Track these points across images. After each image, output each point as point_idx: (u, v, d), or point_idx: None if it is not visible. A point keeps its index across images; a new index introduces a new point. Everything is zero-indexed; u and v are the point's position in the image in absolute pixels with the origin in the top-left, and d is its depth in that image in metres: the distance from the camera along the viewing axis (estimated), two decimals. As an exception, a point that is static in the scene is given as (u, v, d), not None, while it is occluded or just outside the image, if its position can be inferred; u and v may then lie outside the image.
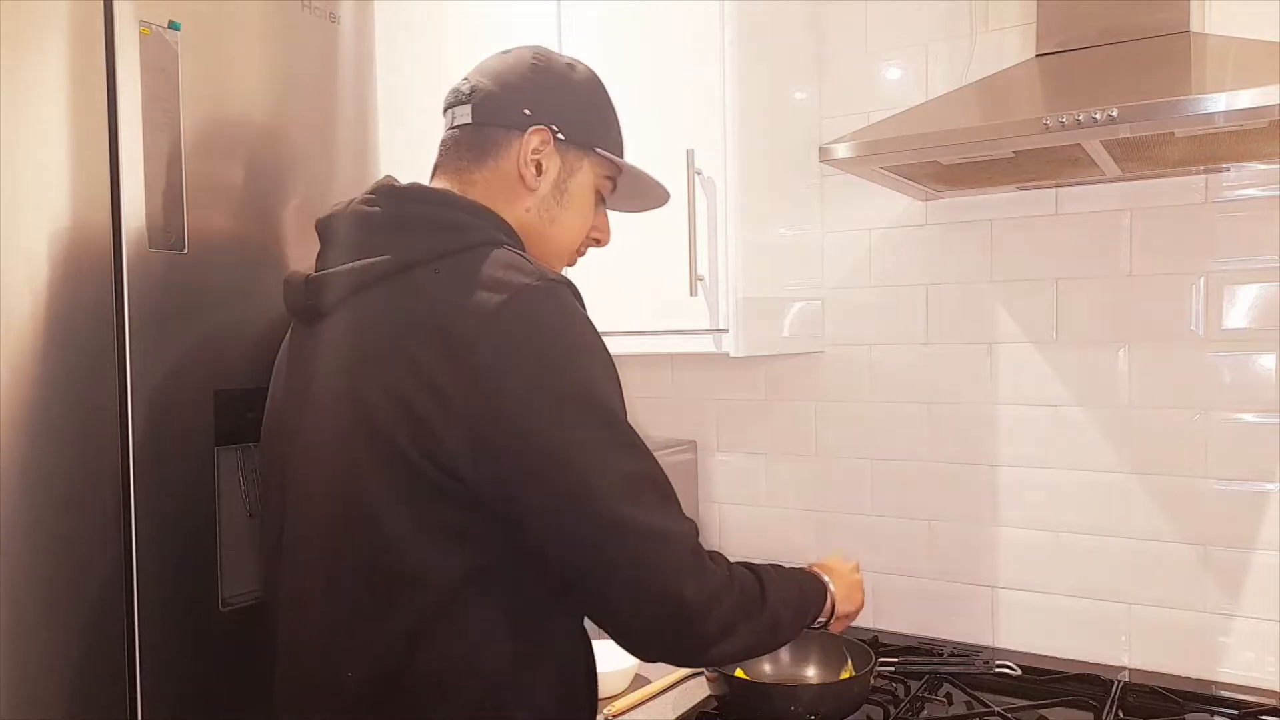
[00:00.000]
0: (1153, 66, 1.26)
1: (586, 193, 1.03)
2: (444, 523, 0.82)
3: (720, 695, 1.34)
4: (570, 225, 1.02)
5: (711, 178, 1.50)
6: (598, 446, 0.82)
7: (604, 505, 0.81)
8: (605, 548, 0.82)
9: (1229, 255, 1.44)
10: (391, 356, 0.83)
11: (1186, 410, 1.47)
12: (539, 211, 0.99)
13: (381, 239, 0.90)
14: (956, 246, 1.65)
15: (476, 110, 0.97)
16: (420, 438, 0.80)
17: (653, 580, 0.82)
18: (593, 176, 1.03)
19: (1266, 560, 1.42)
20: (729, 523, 1.91)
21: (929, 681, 1.46)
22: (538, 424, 0.80)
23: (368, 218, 0.92)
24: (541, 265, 0.88)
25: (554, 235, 1.01)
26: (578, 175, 1.01)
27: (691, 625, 0.84)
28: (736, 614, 0.88)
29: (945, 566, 1.68)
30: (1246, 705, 1.35)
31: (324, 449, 0.89)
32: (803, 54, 1.73)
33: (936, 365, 1.68)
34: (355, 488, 0.85)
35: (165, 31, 0.99)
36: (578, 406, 0.82)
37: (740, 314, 1.50)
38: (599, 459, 0.82)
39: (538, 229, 0.99)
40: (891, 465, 1.72)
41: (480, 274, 0.84)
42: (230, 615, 1.04)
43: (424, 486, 0.81)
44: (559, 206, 1.00)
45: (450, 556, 0.83)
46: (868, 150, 1.30)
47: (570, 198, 1.01)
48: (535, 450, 0.80)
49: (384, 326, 0.86)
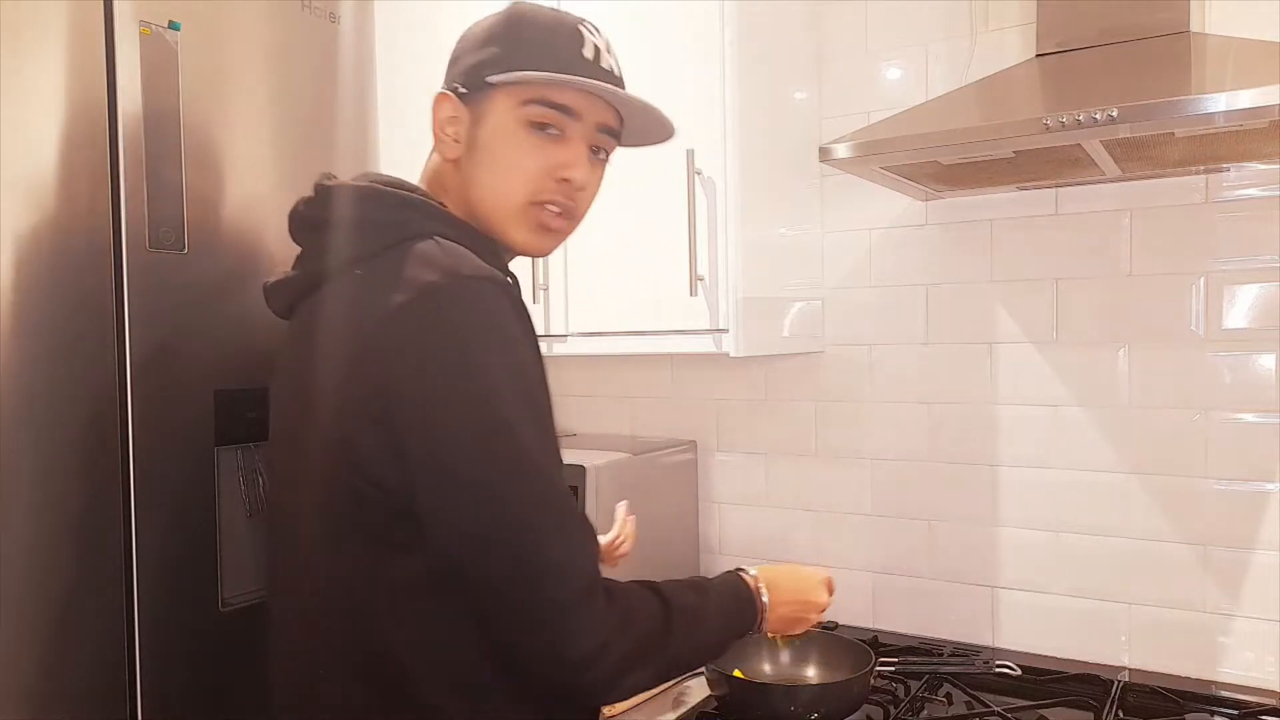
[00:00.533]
0: (1153, 66, 1.26)
1: (503, 135, 0.89)
2: (384, 532, 0.80)
3: (720, 695, 1.34)
4: (495, 181, 0.90)
5: (711, 178, 1.50)
6: (487, 466, 0.77)
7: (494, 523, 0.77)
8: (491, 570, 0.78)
9: (1229, 255, 1.44)
10: (320, 368, 0.83)
11: (1186, 410, 1.47)
12: (464, 180, 0.91)
13: (319, 241, 0.90)
14: (956, 246, 1.65)
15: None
16: (343, 443, 0.79)
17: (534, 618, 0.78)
18: (507, 113, 0.89)
19: (1266, 560, 1.42)
20: (729, 523, 1.91)
21: (929, 681, 1.46)
22: (430, 432, 0.77)
23: (307, 219, 0.92)
24: (463, 258, 0.82)
25: (484, 197, 0.91)
26: (486, 121, 0.90)
27: (581, 674, 0.80)
28: (631, 655, 0.83)
29: (945, 566, 1.68)
30: (1246, 705, 1.35)
31: (284, 459, 0.91)
32: (803, 54, 1.73)
33: (936, 365, 1.68)
34: (308, 501, 0.85)
35: (165, 31, 0.99)
36: (470, 419, 0.77)
37: (740, 314, 1.50)
38: (486, 482, 0.77)
39: (470, 199, 0.91)
40: (891, 465, 1.72)
41: (394, 274, 0.80)
42: (230, 615, 1.04)
43: (354, 495, 0.80)
44: (475, 166, 0.90)
45: (396, 564, 0.80)
46: (868, 150, 1.30)
47: (483, 150, 0.90)
48: (431, 455, 0.77)
49: (315, 336, 0.86)
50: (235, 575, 1.05)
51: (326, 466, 0.82)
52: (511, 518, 0.78)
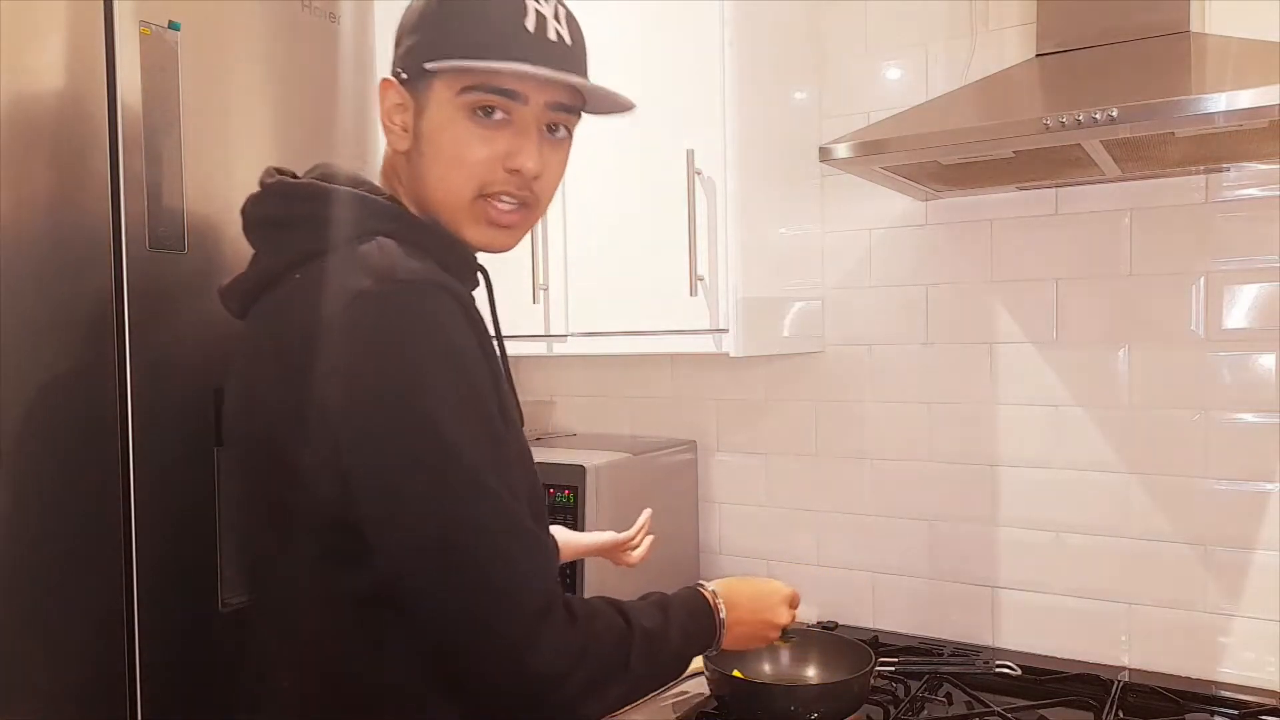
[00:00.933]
0: (1153, 66, 1.26)
1: (445, 125, 0.83)
2: (328, 548, 0.77)
3: (720, 695, 1.34)
4: (441, 175, 0.84)
5: (711, 178, 1.50)
6: (422, 479, 0.73)
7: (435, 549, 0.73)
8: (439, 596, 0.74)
9: (1229, 255, 1.44)
10: (258, 372, 0.82)
11: (1186, 410, 1.47)
12: (413, 174, 0.86)
13: (266, 240, 0.87)
14: (956, 246, 1.65)
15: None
16: (283, 460, 0.77)
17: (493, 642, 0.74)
18: (447, 102, 0.82)
19: (1266, 560, 1.42)
20: (729, 523, 1.91)
21: (929, 681, 1.46)
22: (368, 447, 0.73)
23: (254, 217, 0.88)
24: (400, 262, 0.77)
25: (430, 194, 0.85)
26: (428, 111, 0.83)
27: (542, 700, 0.76)
28: (597, 679, 0.79)
29: (945, 566, 1.68)
30: (1247, 705, 1.35)
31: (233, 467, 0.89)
32: (803, 54, 1.73)
33: (936, 365, 1.68)
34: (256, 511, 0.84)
35: (165, 31, 0.99)
36: (401, 433, 0.72)
37: (740, 314, 1.50)
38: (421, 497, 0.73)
39: (419, 194, 0.86)
40: (891, 465, 1.72)
41: (331, 280, 0.77)
42: (230, 615, 1.04)
43: (298, 512, 0.77)
44: (421, 159, 0.85)
45: (343, 580, 0.77)
46: (868, 150, 1.30)
47: (426, 141, 0.84)
48: (367, 474, 0.73)
49: (253, 345, 0.84)
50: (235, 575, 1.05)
51: (269, 479, 0.80)
52: (458, 545, 0.73)
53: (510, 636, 0.74)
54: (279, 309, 0.82)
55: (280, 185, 0.86)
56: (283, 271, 0.83)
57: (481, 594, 0.74)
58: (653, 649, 0.86)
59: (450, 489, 0.73)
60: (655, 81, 1.55)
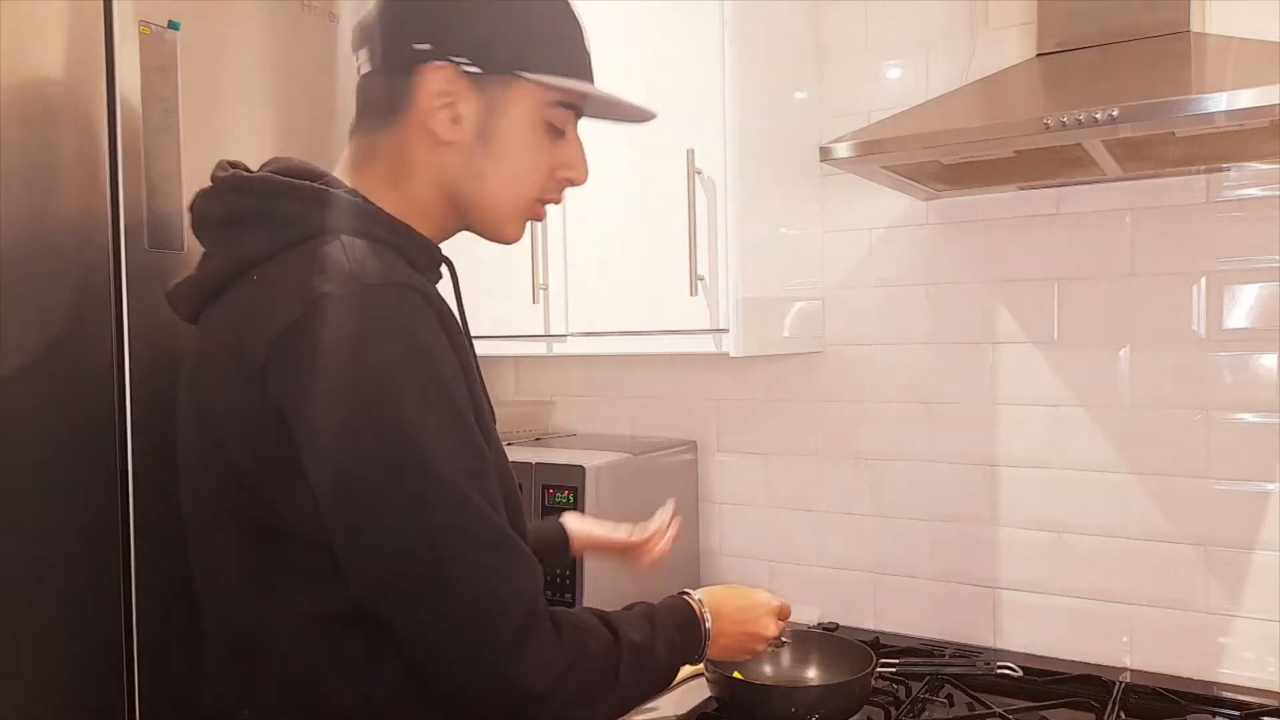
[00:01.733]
0: (1153, 66, 1.26)
1: (524, 132, 0.82)
2: (284, 561, 0.74)
3: (720, 696, 1.34)
4: (507, 178, 0.83)
5: (711, 178, 1.50)
6: (392, 493, 0.69)
7: (415, 564, 0.70)
8: (420, 613, 0.71)
9: (1230, 255, 1.44)
10: (209, 387, 0.77)
11: (1187, 410, 1.47)
12: (460, 168, 0.82)
13: (217, 238, 0.82)
14: (956, 246, 1.65)
15: (373, 54, 0.81)
16: (235, 471, 0.73)
17: (478, 658, 0.71)
18: (530, 109, 0.82)
19: (1267, 560, 1.42)
20: (729, 523, 1.91)
21: (930, 683, 1.45)
22: (336, 459, 0.69)
23: (205, 215, 0.83)
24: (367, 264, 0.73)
25: (487, 195, 0.84)
26: (507, 113, 0.81)
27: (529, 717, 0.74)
28: (584, 691, 0.77)
29: (945, 566, 1.68)
30: (1248, 706, 1.35)
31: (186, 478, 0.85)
32: (803, 54, 1.73)
33: (936, 365, 1.67)
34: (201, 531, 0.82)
35: (165, 31, 0.99)
36: (374, 442, 0.69)
37: (740, 314, 1.50)
38: (392, 508, 0.69)
39: (463, 189, 0.83)
40: (892, 465, 1.72)
41: (290, 282, 0.72)
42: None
43: (252, 528, 0.74)
44: (486, 158, 0.82)
45: (298, 595, 0.74)
46: (868, 150, 1.30)
47: (500, 144, 0.82)
48: (336, 488, 0.70)
49: (207, 351, 0.79)
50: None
51: (225, 494, 0.75)
52: (438, 558, 0.70)
53: (495, 652, 0.72)
54: (233, 313, 0.77)
55: (233, 179, 0.80)
56: (237, 272, 0.78)
57: (464, 609, 0.71)
58: (640, 661, 0.84)
59: (428, 500, 0.70)
60: (655, 81, 1.55)
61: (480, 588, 0.72)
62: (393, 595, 0.71)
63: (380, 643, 0.75)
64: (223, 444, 0.74)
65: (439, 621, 0.71)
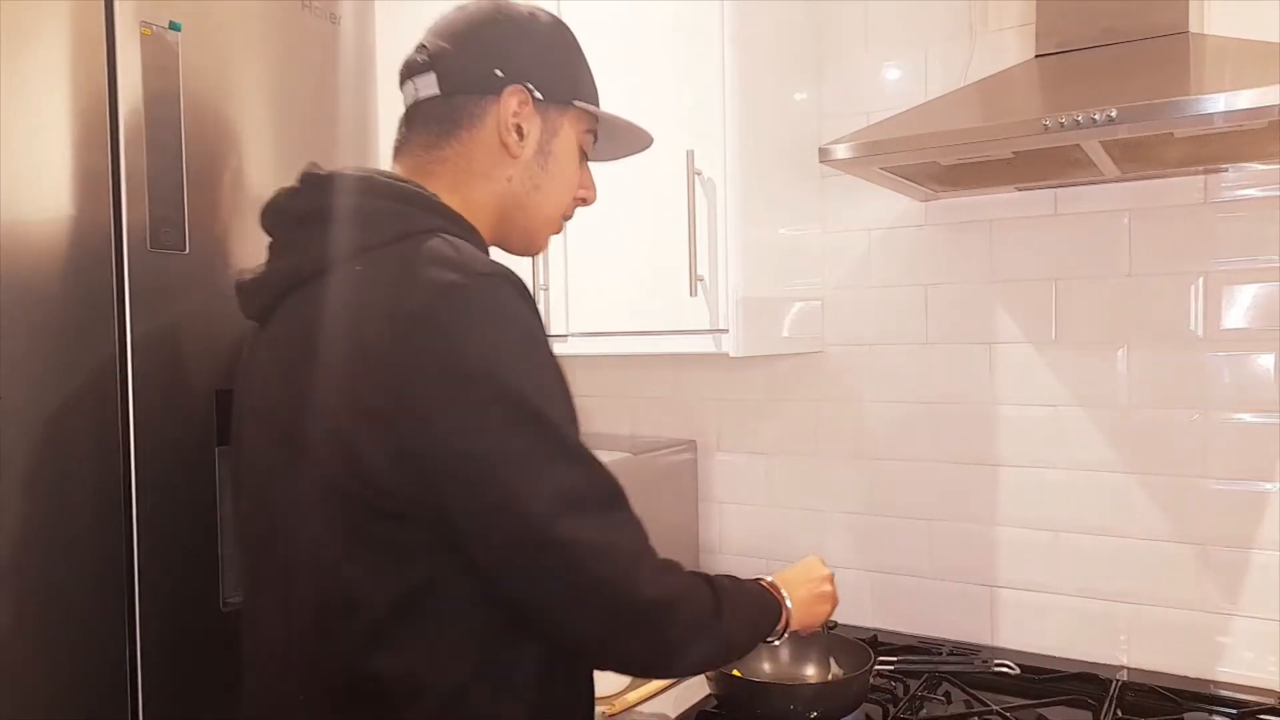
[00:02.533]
0: (1152, 66, 1.26)
1: (571, 152, 0.96)
2: (377, 541, 0.77)
3: (720, 694, 1.34)
4: (556, 191, 0.96)
5: (711, 178, 1.50)
6: (527, 457, 0.76)
7: (536, 521, 0.75)
8: (541, 564, 0.76)
9: (1228, 255, 1.44)
10: (313, 371, 0.79)
11: (1186, 410, 1.47)
12: (521, 180, 0.93)
13: (306, 234, 0.85)
14: (956, 247, 1.65)
15: (443, 78, 0.90)
16: (345, 455, 0.76)
17: (598, 593, 0.77)
18: (575, 133, 0.96)
19: (1265, 560, 1.42)
20: (729, 523, 1.91)
21: (928, 680, 1.46)
22: (461, 435, 0.74)
23: (291, 211, 0.87)
24: (476, 256, 0.80)
25: (539, 204, 0.95)
26: (560, 135, 0.94)
27: (648, 629, 0.80)
28: (694, 624, 0.84)
29: (945, 566, 1.68)
30: (1246, 705, 1.36)
31: (262, 469, 0.86)
32: (803, 54, 1.73)
33: (936, 365, 1.68)
34: (294, 509, 0.82)
35: (165, 31, 0.99)
36: (503, 415, 0.75)
37: (740, 314, 1.50)
38: (529, 471, 0.75)
39: (520, 199, 0.93)
40: (891, 465, 1.73)
41: (402, 272, 0.77)
42: (230, 615, 1.04)
43: (354, 505, 0.77)
44: (544, 172, 0.94)
45: (385, 576, 0.77)
46: (867, 151, 1.30)
47: (555, 161, 0.94)
48: (460, 463, 0.74)
49: (307, 338, 0.81)
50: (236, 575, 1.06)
51: (328, 473, 0.77)
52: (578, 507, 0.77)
53: (622, 578, 0.78)
54: (342, 300, 0.81)
55: (335, 177, 0.86)
56: (338, 263, 0.82)
57: (591, 558, 0.77)
58: (735, 615, 0.91)
59: (557, 461, 0.77)
60: (655, 81, 1.56)
61: (601, 539, 0.78)
62: (523, 557, 0.76)
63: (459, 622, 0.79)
64: (330, 425, 0.77)
65: (559, 569, 0.76)
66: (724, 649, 0.91)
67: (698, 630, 0.85)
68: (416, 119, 0.92)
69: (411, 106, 0.92)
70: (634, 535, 0.82)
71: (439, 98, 0.90)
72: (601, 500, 0.80)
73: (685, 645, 0.84)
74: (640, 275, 1.57)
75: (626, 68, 1.57)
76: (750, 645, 0.97)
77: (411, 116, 0.93)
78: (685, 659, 0.86)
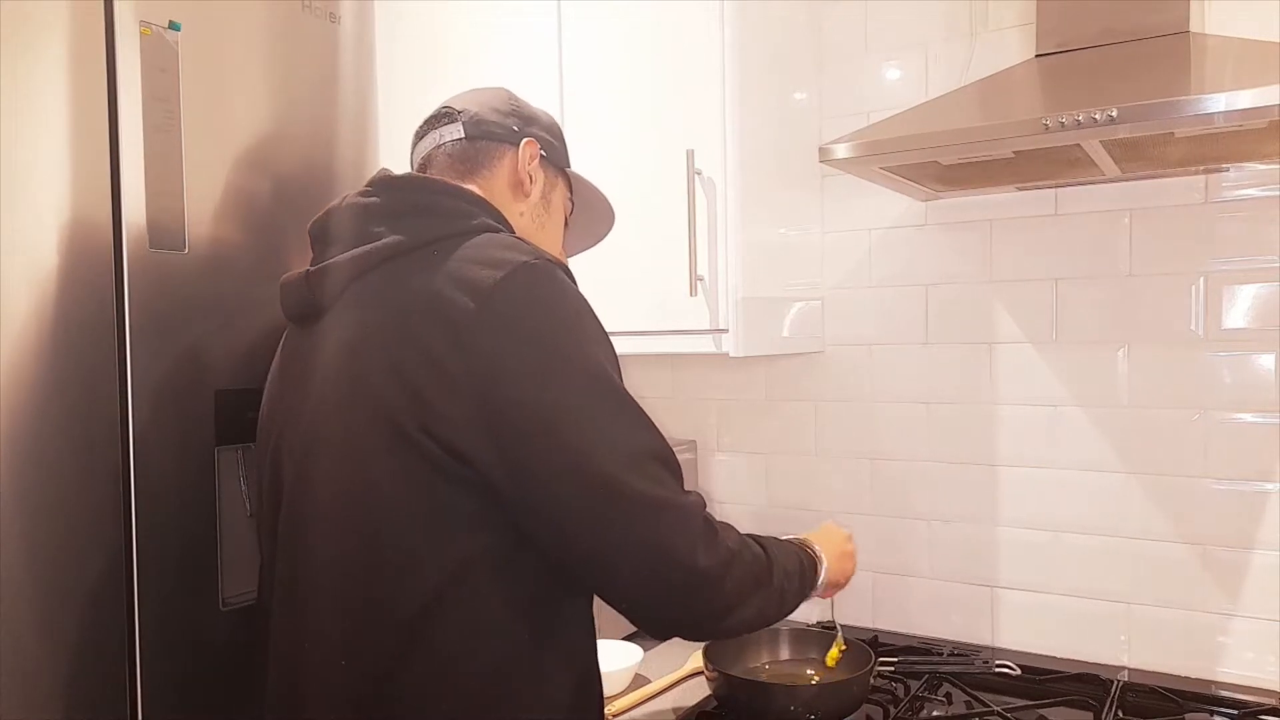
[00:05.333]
0: (1152, 66, 1.26)
1: (561, 210, 1.10)
2: (446, 504, 0.82)
3: (720, 694, 1.34)
4: (554, 234, 1.09)
5: (711, 178, 1.50)
6: (600, 416, 0.82)
7: (607, 473, 0.80)
8: (609, 517, 0.81)
9: (1229, 255, 1.44)
10: (392, 334, 0.84)
11: (1186, 410, 1.47)
12: (531, 217, 1.05)
13: (381, 227, 0.91)
14: (956, 246, 1.65)
15: (468, 126, 1.01)
16: (421, 413, 0.80)
17: (661, 549, 0.82)
18: (564, 196, 1.10)
19: (1266, 560, 1.42)
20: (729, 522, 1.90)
21: (929, 681, 1.46)
22: (538, 394, 0.80)
23: (366, 208, 0.93)
24: (536, 247, 0.89)
25: (543, 240, 1.06)
26: (557, 190, 1.09)
27: (704, 592, 0.85)
28: (748, 583, 0.90)
29: (945, 566, 1.68)
30: (1246, 705, 1.35)
31: (327, 438, 0.87)
32: (803, 54, 1.73)
33: (936, 365, 1.68)
34: (358, 472, 0.84)
35: (165, 31, 0.99)
36: (578, 377, 0.82)
37: (740, 314, 1.50)
38: (601, 428, 0.82)
39: (530, 232, 1.04)
40: (891, 465, 1.73)
41: (479, 254, 0.85)
42: (230, 615, 1.04)
43: (426, 467, 0.81)
44: (546, 214, 1.07)
45: (453, 540, 0.82)
46: (867, 151, 1.30)
47: (552, 209, 1.08)
48: (536, 420, 0.80)
49: (386, 305, 0.86)
50: (236, 575, 1.06)
51: (403, 435, 0.81)
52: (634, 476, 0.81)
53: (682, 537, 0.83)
54: (420, 279, 0.85)
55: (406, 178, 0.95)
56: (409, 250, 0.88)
57: (653, 499, 0.82)
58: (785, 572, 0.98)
59: (635, 424, 0.85)
60: (655, 81, 1.56)
61: (666, 496, 0.83)
62: (597, 507, 0.81)
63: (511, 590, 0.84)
64: (413, 386, 0.81)
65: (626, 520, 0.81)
66: (774, 610, 0.96)
67: (748, 595, 0.90)
68: (438, 159, 1.02)
69: (433, 150, 1.02)
70: (699, 501, 0.87)
71: (463, 140, 1.01)
72: (670, 465, 0.86)
73: (737, 608, 0.89)
74: (640, 275, 1.57)
75: (627, 67, 1.57)
76: (797, 603, 1.02)
77: (431, 158, 1.02)
78: (737, 621, 0.90)
